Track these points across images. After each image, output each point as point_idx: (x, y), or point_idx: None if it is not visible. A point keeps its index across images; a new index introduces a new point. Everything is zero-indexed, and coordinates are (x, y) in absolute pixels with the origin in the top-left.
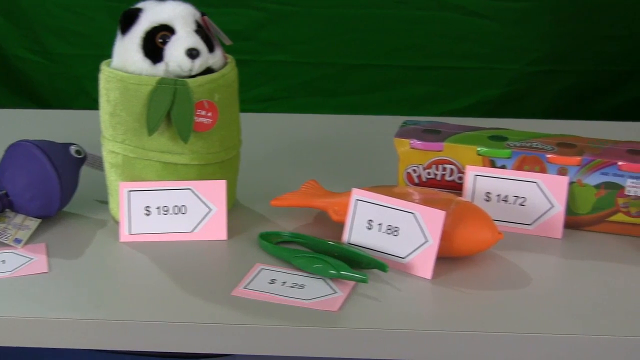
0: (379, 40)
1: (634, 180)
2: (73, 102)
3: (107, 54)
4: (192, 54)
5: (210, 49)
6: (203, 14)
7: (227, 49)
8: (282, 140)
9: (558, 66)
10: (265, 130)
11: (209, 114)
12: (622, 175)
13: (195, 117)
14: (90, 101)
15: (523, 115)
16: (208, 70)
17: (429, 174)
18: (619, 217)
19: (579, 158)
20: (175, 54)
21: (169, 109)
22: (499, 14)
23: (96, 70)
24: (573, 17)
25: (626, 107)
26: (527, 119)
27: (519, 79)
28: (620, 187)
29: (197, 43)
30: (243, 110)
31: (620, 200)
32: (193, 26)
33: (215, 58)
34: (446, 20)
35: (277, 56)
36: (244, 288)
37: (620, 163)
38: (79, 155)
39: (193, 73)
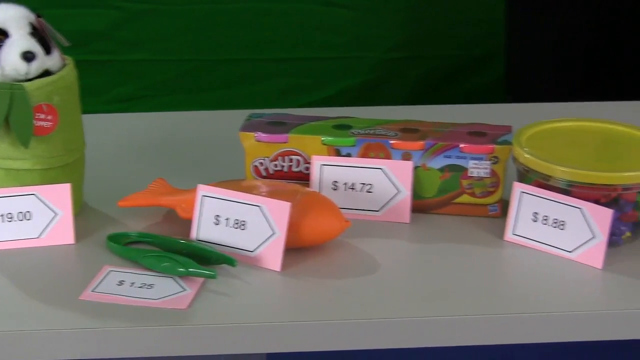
0: (238, 34)
1: (476, 162)
2: None
3: None
4: (28, 57)
5: (47, 51)
6: (38, 16)
7: (87, 49)
8: (132, 140)
9: (416, 52)
10: (115, 130)
11: (49, 117)
12: (464, 157)
13: (35, 121)
14: None
15: (385, 102)
16: (46, 73)
17: (275, 166)
18: (465, 198)
19: (422, 142)
20: (9, 57)
21: (6, 114)
22: (355, 2)
23: None
24: (428, 3)
25: (484, 89)
26: (382, 106)
27: (379, 66)
28: (464, 169)
29: (33, 46)
30: (104, 110)
31: (465, 182)
32: (27, 29)
33: (52, 60)
34: (303, 11)
35: (137, 55)
36: (92, 291)
37: (462, 145)
38: None
39: (30, 76)
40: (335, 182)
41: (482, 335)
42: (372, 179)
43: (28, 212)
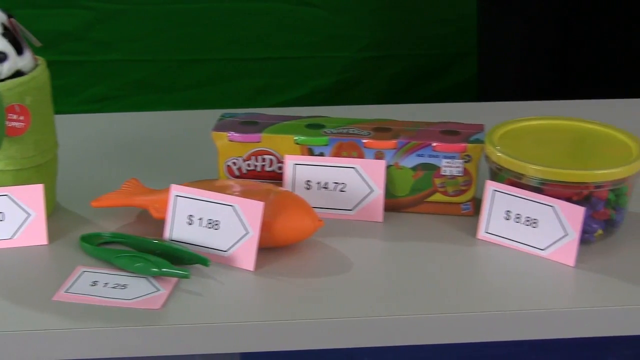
0: (211, 34)
1: (449, 160)
2: None
3: None
4: None
5: (19, 51)
6: (10, 16)
7: (59, 49)
8: (105, 140)
9: (388, 51)
10: (89, 131)
11: (21, 117)
12: (437, 156)
13: (7, 122)
14: None
15: (358, 101)
16: (18, 74)
17: (249, 165)
18: (437, 197)
19: (394, 141)
20: None
21: None
22: (327, 2)
23: None
24: (399, 3)
25: (457, 88)
26: (354, 105)
27: (351, 66)
28: (437, 168)
29: (4, 46)
30: (77, 111)
31: (437, 181)
32: None
33: (24, 61)
34: (276, 11)
35: (109, 55)
36: (66, 292)
37: (434, 144)
38: None
39: (2, 77)
40: (309, 181)
41: (455, 333)
42: (345, 178)
43: (1, 212)
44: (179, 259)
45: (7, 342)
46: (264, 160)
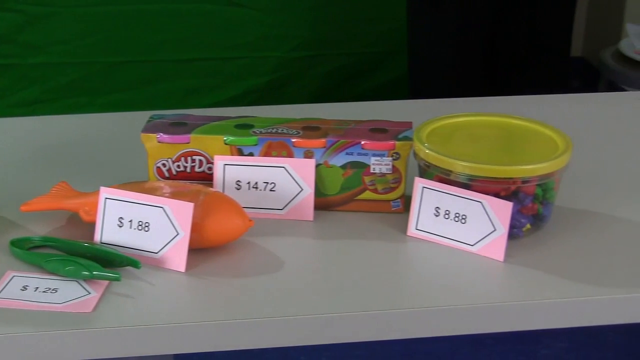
0: (142, 36)
1: (378, 158)
2: None
3: None
4: None
5: None
6: None
7: None
8: (35, 144)
9: (320, 50)
10: (18, 134)
11: None
12: (366, 154)
13: None
14: None
15: (291, 101)
16: None
17: (178, 167)
18: (367, 194)
19: (323, 140)
20: None
21: None
22: (257, 2)
23: None
24: (331, 2)
25: (389, 86)
26: (284, 105)
27: (284, 65)
28: (366, 166)
29: None
30: (8, 114)
31: (367, 179)
32: None
33: None
34: (206, 12)
35: (39, 58)
36: None
37: (363, 142)
38: None
39: None
40: (239, 181)
41: (386, 330)
42: (275, 178)
43: None
44: (110, 262)
45: None
46: (193, 161)
